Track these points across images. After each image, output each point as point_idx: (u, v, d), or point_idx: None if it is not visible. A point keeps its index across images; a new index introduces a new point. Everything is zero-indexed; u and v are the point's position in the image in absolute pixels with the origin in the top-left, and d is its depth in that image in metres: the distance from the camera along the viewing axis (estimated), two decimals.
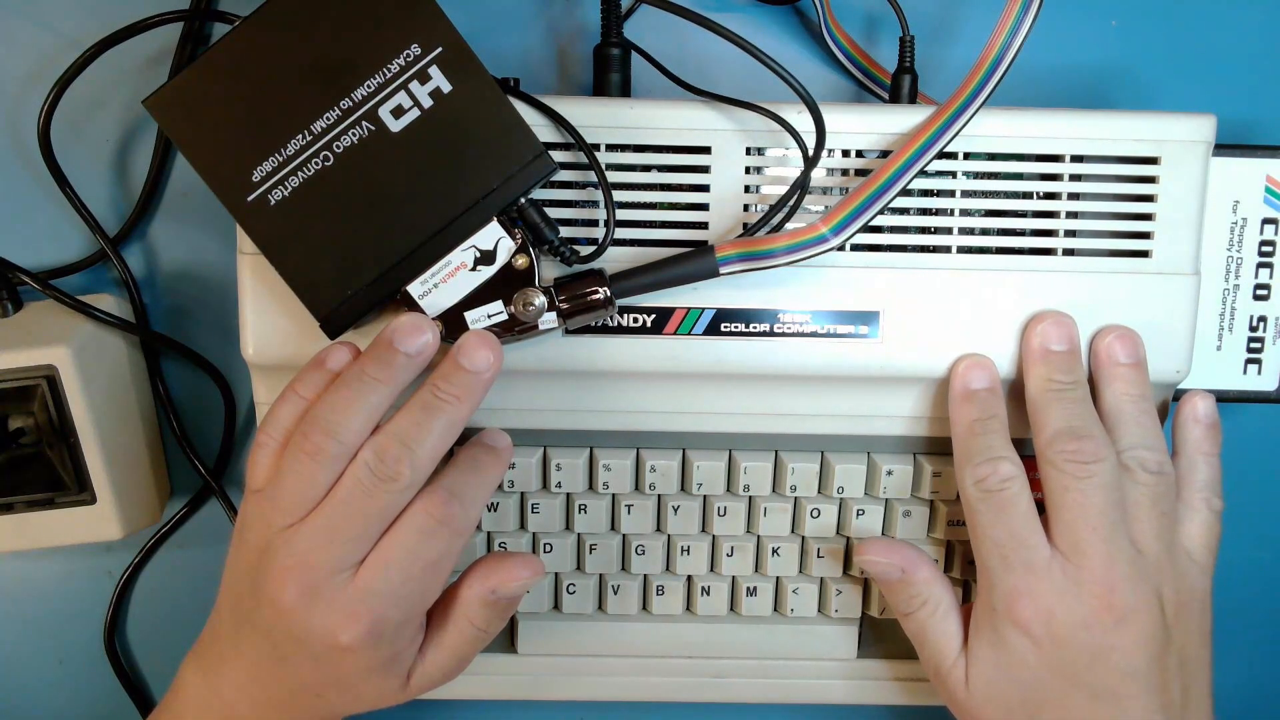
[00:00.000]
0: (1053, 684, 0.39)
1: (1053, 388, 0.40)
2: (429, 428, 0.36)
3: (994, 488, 0.39)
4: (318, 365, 0.38)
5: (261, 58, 0.37)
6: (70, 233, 0.48)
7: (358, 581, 0.36)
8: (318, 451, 0.36)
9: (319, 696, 0.39)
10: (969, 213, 0.41)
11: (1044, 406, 0.40)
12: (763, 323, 0.41)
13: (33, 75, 0.47)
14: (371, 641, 0.36)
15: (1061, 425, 0.39)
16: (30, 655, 0.52)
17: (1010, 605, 0.39)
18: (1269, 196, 0.45)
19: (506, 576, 0.39)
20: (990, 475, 0.39)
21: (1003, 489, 0.39)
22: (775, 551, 0.45)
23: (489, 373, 0.37)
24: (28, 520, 0.45)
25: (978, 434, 0.40)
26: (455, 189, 0.38)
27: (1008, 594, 0.39)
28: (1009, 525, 0.39)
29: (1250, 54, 0.49)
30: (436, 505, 0.36)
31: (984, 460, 0.40)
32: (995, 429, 0.40)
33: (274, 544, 0.36)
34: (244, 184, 0.37)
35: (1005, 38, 0.38)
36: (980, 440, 0.40)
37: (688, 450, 0.44)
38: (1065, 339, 0.41)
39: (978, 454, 0.40)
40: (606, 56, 0.42)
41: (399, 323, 0.37)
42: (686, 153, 0.40)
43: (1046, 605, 0.38)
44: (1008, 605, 0.39)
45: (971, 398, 0.41)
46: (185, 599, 0.51)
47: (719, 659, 0.47)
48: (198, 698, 0.40)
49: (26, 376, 0.44)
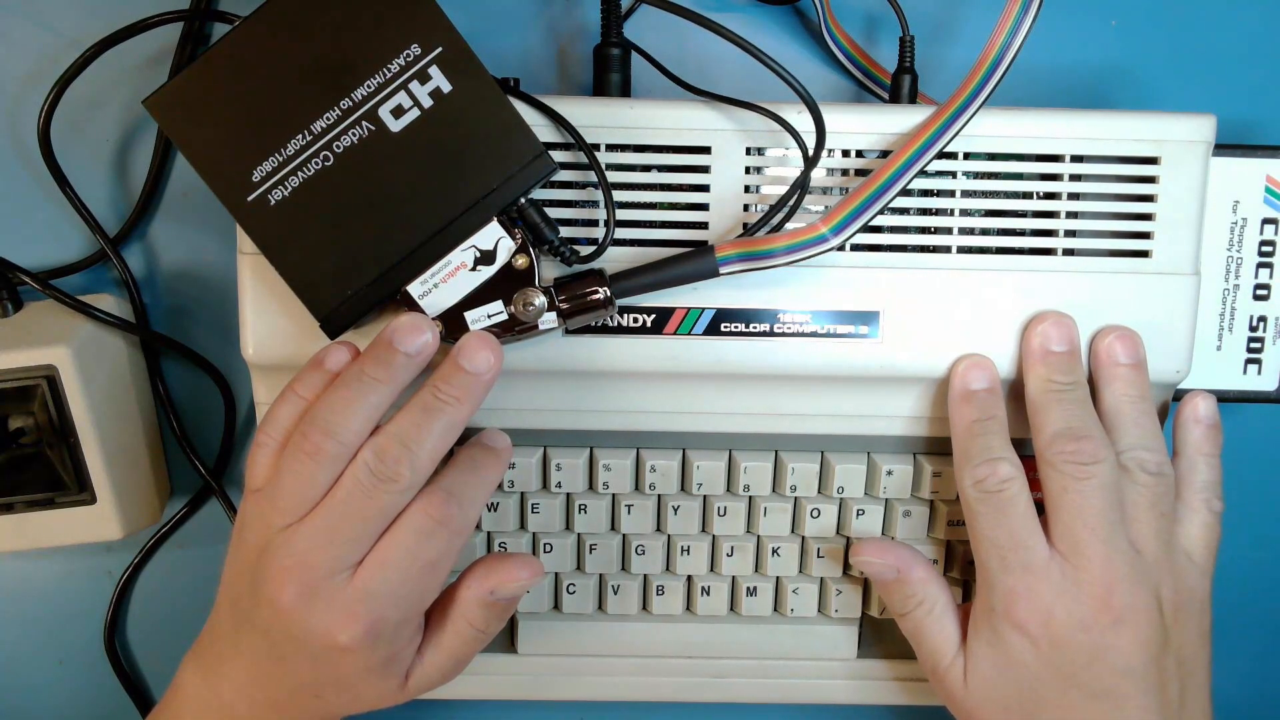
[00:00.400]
0: (1051, 683, 0.39)
1: (1053, 389, 0.40)
2: (429, 429, 0.36)
3: (993, 489, 0.39)
4: (316, 365, 0.38)
5: (261, 58, 0.37)
6: (70, 233, 0.48)
7: (356, 582, 0.36)
8: (317, 451, 0.36)
9: (317, 697, 0.39)
10: (969, 213, 0.41)
11: (1044, 407, 0.40)
12: (763, 323, 0.41)
13: (33, 75, 0.47)
14: (370, 642, 0.36)
15: (1061, 426, 0.39)
16: (30, 655, 0.52)
17: (1009, 605, 0.39)
18: (1269, 196, 0.45)
19: (505, 577, 0.39)
20: (989, 476, 0.39)
21: (1001, 490, 0.39)
22: (775, 551, 0.45)
23: (489, 374, 0.37)
24: (28, 520, 0.45)
25: (977, 435, 0.40)
26: (455, 189, 0.38)
27: (1006, 594, 0.39)
28: (1008, 526, 0.39)
29: (1250, 54, 0.49)
30: (435, 506, 0.36)
31: (983, 461, 0.40)
32: (994, 430, 0.40)
33: (273, 544, 0.36)
34: (244, 184, 0.37)
35: (1005, 38, 0.38)
36: (979, 441, 0.40)
37: (688, 450, 0.44)
38: (1065, 340, 0.41)
39: (977, 455, 0.40)
40: (606, 56, 0.42)
41: (398, 322, 0.37)
42: (686, 153, 0.40)
43: (1045, 605, 0.38)
44: (1006, 605, 0.39)
45: (971, 398, 0.41)
46: (185, 599, 0.51)
47: (719, 659, 0.47)
48: (197, 698, 0.40)
49: (26, 376, 0.44)
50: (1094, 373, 0.41)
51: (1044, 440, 0.40)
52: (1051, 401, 0.40)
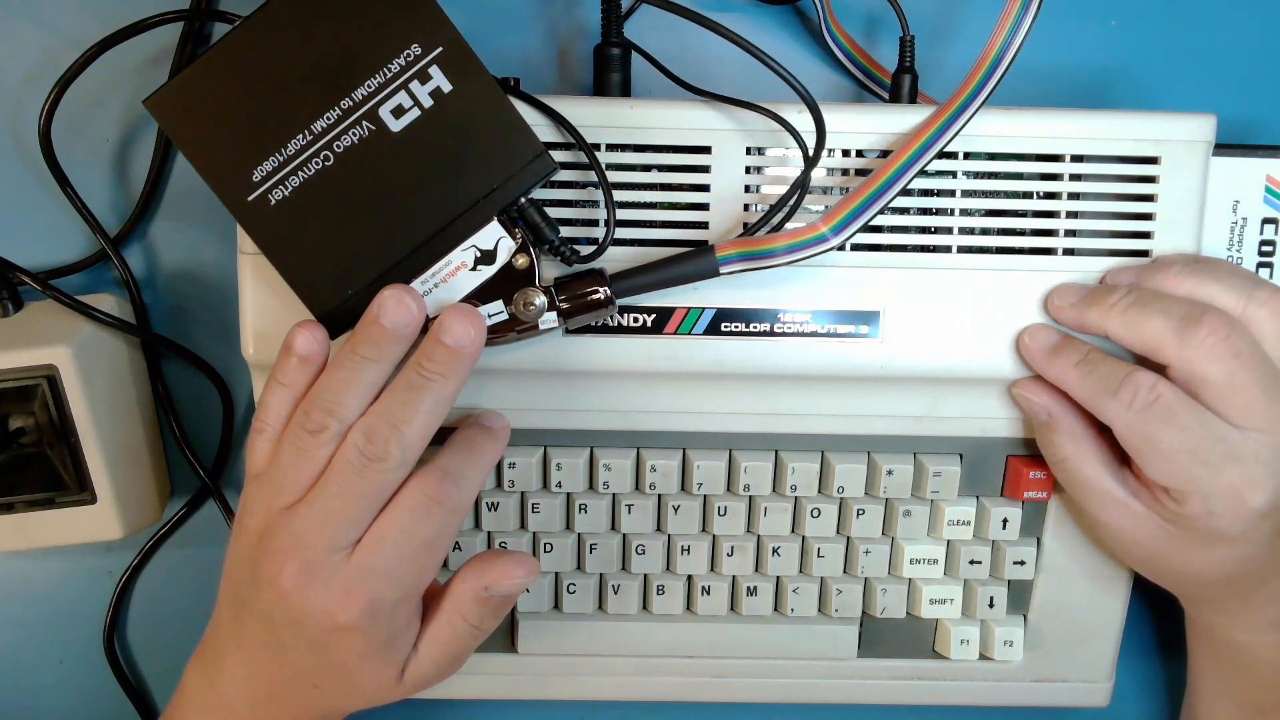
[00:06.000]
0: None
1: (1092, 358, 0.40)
2: (416, 407, 0.36)
3: (1148, 399, 0.38)
4: (287, 352, 0.38)
5: (262, 58, 0.37)
6: (70, 233, 0.48)
7: (354, 560, 0.36)
8: (320, 429, 0.36)
9: (315, 686, 0.39)
10: (969, 213, 0.41)
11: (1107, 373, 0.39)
12: (763, 322, 0.41)
13: (33, 75, 0.47)
14: (368, 621, 0.37)
15: (1160, 328, 0.38)
16: (30, 655, 0.52)
17: (1235, 498, 0.38)
18: (1269, 196, 0.45)
19: (499, 574, 0.39)
20: (1136, 390, 0.38)
21: (1156, 396, 0.38)
22: (775, 551, 0.45)
23: (471, 347, 0.37)
24: (28, 520, 0.45)
25: (1092, 368, 0.40)
26: (455, 189, 0.38)
27: (1226, 490, 0.38)
28: (1188, 425, 0.38)
29: (1250, 54, 0.49)
30: (431, 484, 0.37)
31: (1121, 384, 0.39)
32: (1102, 357, 0.40)
33: (273, 526, 0.37)
34: (244, 184, 0.37)
35: (1005, 38, 0.38)
36: (1098, 373, 0.39)
37: (688, 450, 0.44)
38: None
39: (1108, 383, 0.39)
40: (607, 56, 0.42)
41: (382, 297, 0.37)
42: (687, 153, 0.40)
43: (1265, 481, 0.38)
44: (1232, 500, 0.38)
45: (1058, 349, 0.40)
46: (185, 599, 0.51)
47: (719, 659, 0.47)
48: (199, 697, 0.40)
49: (27, 376, 0.44)
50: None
51: (1170, 354, 0.38)
52: (1129, 331, 0.39)
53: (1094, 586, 0.46)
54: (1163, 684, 0.54)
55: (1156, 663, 0.54)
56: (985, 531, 0.45)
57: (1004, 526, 0.45)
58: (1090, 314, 0.40)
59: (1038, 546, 0.46)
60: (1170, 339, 0.38)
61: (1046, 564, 0.46)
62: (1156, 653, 0.53)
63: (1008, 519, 0.45)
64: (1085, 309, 0.40)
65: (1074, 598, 0.46)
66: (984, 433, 0.44)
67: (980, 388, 0.43)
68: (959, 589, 0.46)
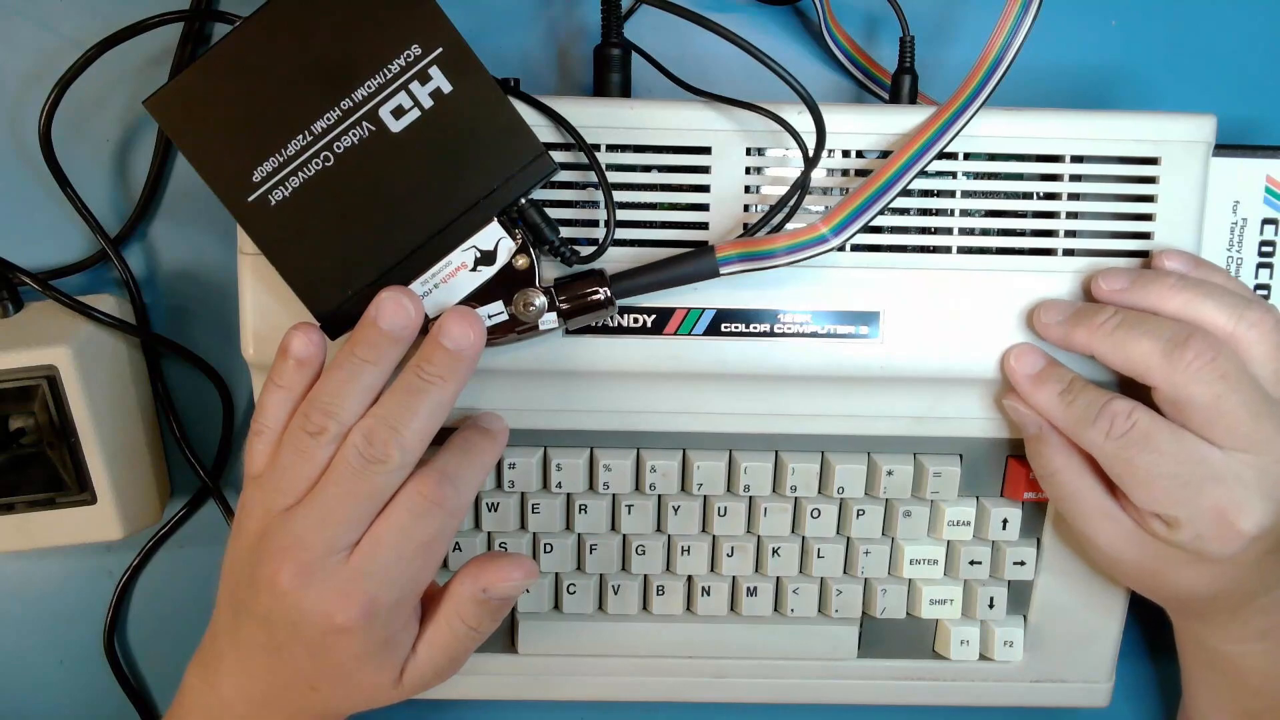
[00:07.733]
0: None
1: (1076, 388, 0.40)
2: (415, 409, 0.36)
3: (1124, 427, 0.38)
4: (283, 354, 0.38)
5: (262, 58, 0.37)
6: (70, 233, 0.48)
7: (352, 561, 0.36)
8: (319, 431, 0.36)
9: (313, 688, 0.39)
10: (969, 213, 0.41)
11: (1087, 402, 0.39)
12: (763, 323, 0.41)
13: (33, 75, 0.47)
14: (365, 622, 0.37)
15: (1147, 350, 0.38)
16: (30, 655, 0.52)
17: (1219, 522, 0.38)
18: (1269, 196, 0.45)
19: (497, 576, 0.39)
20: (1114, 418, 0.38)
21: (1133, 423, 0.38)
22: (775, 551, 0.45)
23: (470, 350, 0.37)
24: (28, 520, 0.45)
25: (1074, 397, 0.40)
26: (455, 189, 0.38)
27: (1212, 513, 0.38)
28: (1166, 449, 0.38)
29: (1250, 54, 0.49)
30: (429, 486, 0.37)
31: (1099, 414, 0.39)
32: (1082, 385, 0.40)
33: (271, 527, 0.37)
34: (244, 184, 0.37)
35: (1005, 38, 0.38)
36: (1079, 403, 0.40)
37: (688, 450, 0.44)
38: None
39: (1088, 412, 0.39)
40: (607, 57, 0.42)
41: (379, 299, 0.37)
42: (686, 153, 0.40)
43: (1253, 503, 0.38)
44: (1219, 524, 0.38)
45: (1042, 376, 0.40)
46: (185, 599, 0.51)
47: (719, 659, 0.47)
48: (198, 699, 0.40)
49: (27, 376, 0.44)
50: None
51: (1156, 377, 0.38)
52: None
53: (1094, 587, 0.46)
54: (1162, 684, 0.54)
55: (1156, 663, 0.54)
56: (985, 532, 0.45)
57: (1004, 527, 0.45)
58: (1077, 334, 0.40)
59: (1038, 547, 0.46)
60: (1157, 361, 0.38)
61: (1046, 564, 0.46)
62: (1156, 653, 0.53)
63: (1008, 519, 0.45)
64: (1072, 328, 0.40)
65: (1074, 598, 0.46)
66: (984, 433, 0.44)
67: (980, 388, 0.43)
68: (959, 589, 0.46)
